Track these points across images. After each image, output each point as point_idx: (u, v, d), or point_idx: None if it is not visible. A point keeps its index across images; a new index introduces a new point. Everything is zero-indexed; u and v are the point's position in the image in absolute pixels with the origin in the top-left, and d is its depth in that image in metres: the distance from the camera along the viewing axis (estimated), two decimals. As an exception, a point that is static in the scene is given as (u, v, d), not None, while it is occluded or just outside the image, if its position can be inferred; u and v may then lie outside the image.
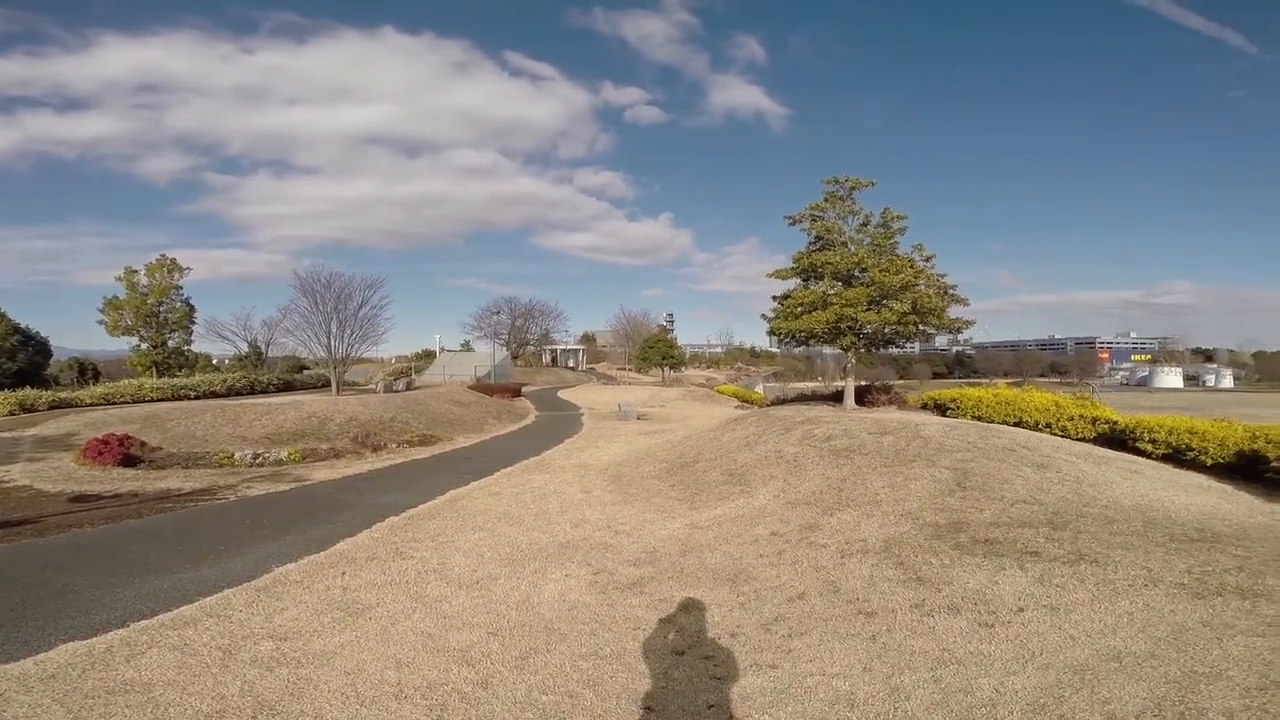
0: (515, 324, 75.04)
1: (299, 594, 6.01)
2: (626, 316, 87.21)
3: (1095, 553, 5.71)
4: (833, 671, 4.12)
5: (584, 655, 4.58)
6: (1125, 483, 8.09)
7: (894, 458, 9.24)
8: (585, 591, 5.97)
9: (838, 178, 15.82)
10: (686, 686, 4.08)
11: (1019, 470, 8.30)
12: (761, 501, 8.81)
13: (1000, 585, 5.25)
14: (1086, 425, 11.76)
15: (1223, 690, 3.38)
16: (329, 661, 4.57)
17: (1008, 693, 3.65)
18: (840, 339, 15.26)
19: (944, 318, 15.01)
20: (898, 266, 14.60)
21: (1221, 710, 3.19)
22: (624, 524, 8.60)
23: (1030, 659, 4.02)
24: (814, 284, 15.71)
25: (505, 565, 6.84)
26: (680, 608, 5.42)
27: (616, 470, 13.00)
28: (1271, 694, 3.29)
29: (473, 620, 5.31)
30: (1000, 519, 6.82)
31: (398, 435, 18.20)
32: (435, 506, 9.89)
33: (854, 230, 15.82)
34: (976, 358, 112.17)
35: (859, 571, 5.94)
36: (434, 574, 6.57)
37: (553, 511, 9.46)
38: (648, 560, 6.85)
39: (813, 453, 10.26)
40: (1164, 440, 9.95)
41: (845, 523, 7.35)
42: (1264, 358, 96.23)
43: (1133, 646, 4.02)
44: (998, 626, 4.55)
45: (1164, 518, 6.67)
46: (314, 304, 27.76)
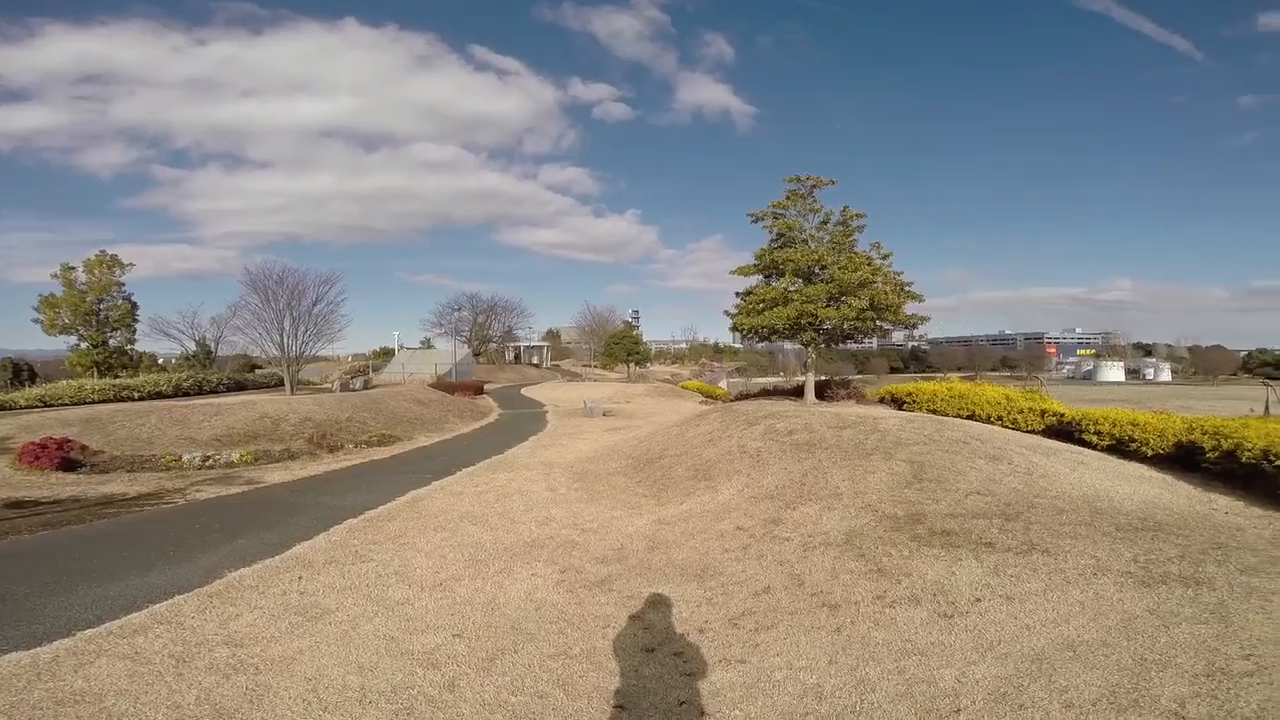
0: (477, 321, 74.01)
1: (254, 599, 5.84)
2: (592, 313, 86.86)
3: (1046, 543, 5.93)
4: (800, 665, 4.19)
5: (553, 655, 4.56)
6: (1073, 474, 8.39)
7: (853, 451, 9.43)
8: (553, 590, 5.94)
9: (799, 176, 16.05)
10: (657, 684, 4.10)
11: (972, 462, 8.55)
12: (726, 496, 8.90)
13: (957, 576, 5.42)
14: (1035, 418, 12.17)
15: (1173, 678, 3.54)
16: (288, 667, 4.45)
17: (969, 682, 3.76)
18: (801, 335, 15.51)
19: (900, 314, 15.38)
20: (856, 264, 14.90)
21: (1173, 697, 3.34)
22: (590, 521, 8.58)
23: (989, 649, 4.15)
24: (776, 281, 15.92)
25: (469, 566, 6.76)
26: (649, 604, 5.44)
27: (582, 467, 12.96)
28: (1218, 680, 3.46)
29: (437, 622, 5.23)
30: (956, 510, 7.03)
31: (355, 435, 17.79)
32: (395, 507, 9.70)
33: (814, 228, 16.08)
34: (931, 353, 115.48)
35: (822, 564, 6.05)
36: (395, 576, 6.46)
37: (517, 510, 9.38)
38: (615, 557, 6.86)
39: (775, 447, 10.41)
40: (1108, 432, 10.34)
41: (808, 516, 7.48)
42: (1198, 352, 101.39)
43: (1085, 635, 4.19)
44: (956, 617, 4.69)
45: (1110, 508, 6.96)
46: (265, 301, 26.85)
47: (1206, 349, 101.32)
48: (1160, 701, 3.33)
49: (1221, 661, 3.66)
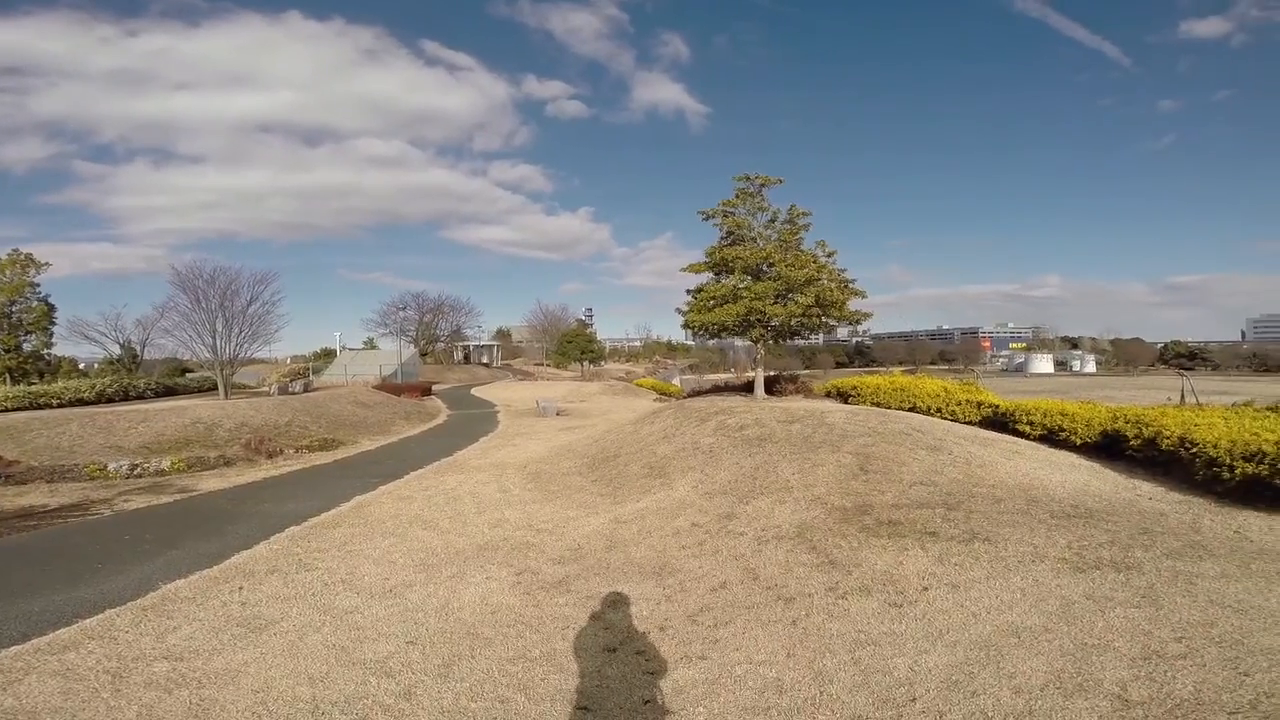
0: (423, 320, 72.36)
1: (192, 611, 5.59)
2: (544, 311, 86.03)
3: (987, 531, 6.19)
4: (759, 659, 4.24)
5: (512, 658, 4.50)
6: (1008, 463, 8.77)
7: (802, 445, 9.63)
8: (508, 593, 5.85)
9: (748, 175, 16.27)
10: (620, 683, 4.08)
11: (915, 453, 8.85)
12: (681, 493, 8.96)
13: (905, 565, 5.60)
14: (972, 409, 12.67)
15: (1112, 661, 3.72)
16: (234, 680, 4.28)
17: (922, 671, 3.87)
18: (750, 331, 15.74)
19: (844, 310, 15.76)
20: (802, 262, 15.20)
21: (1115, 681, 3.51)
22: (546, 522, 8.51)
23: (939, 637, 4.29)
24: (726, 278, 16.10)
25: (420, 571, 6.61)
26: (608, 604, 5.42)
27: (536, 468, 12.83)
28: (1155, 663, 3.65)
29: (388, 630, 5.10)
30: (901, 501, 7.26)
31: (295, 440, 17.14)
32: (340, 514, 9.41)
33: (763, 226, 16.32)
34: (874, 348, 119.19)
35: (776, 558, 6.16)
36: (342, 584, 6.26)
37: (469, 513, 9.22)
38: (572, 558, 6.81)
39: (727, 443, 10.54)
40: (1039, 422, 10.84)
41: (760, 510, 7.60)
42: (1120, 344, 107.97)
43: (1028, 621, 4.38)
44: (906, 606, 4.84)
45: (1044, 495, 7.32)
46: (196, 301, 25.54)
47: (1127, 342, 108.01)
48: (1103, 685, 3.48)
49: (1156, 645, 3.86)
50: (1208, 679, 3.42)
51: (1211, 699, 3.24)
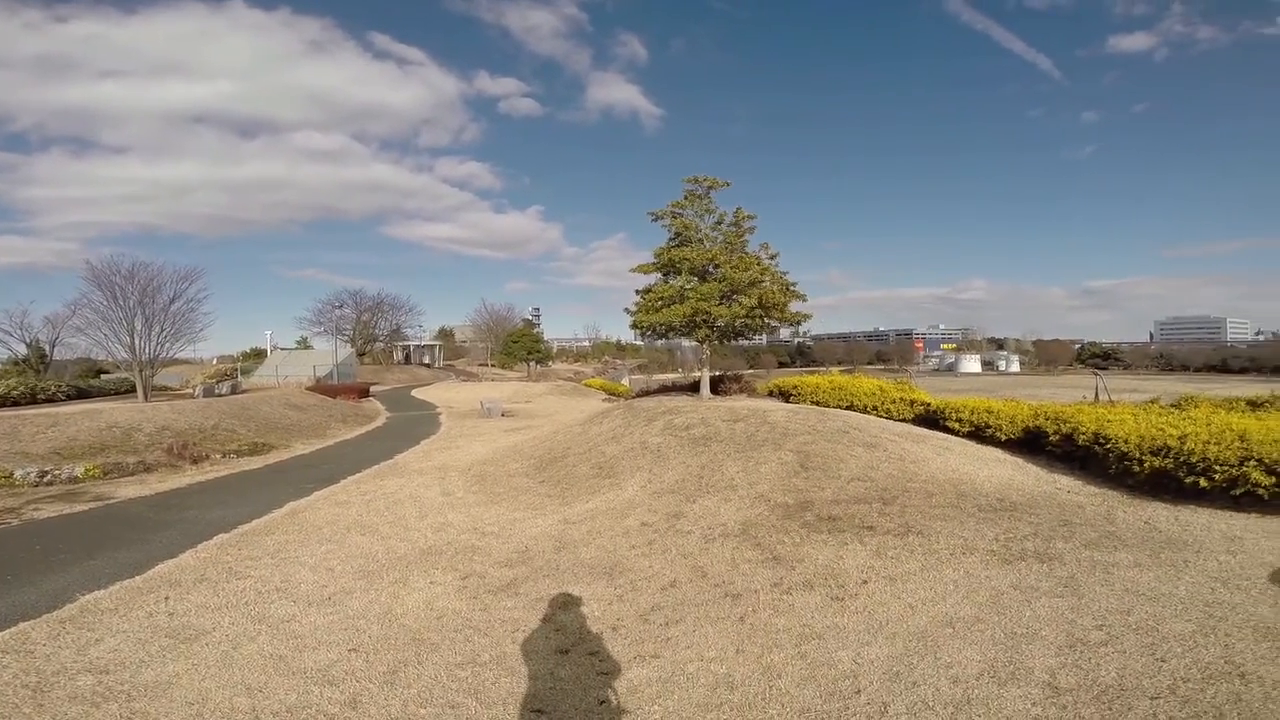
0: (361, 318, 69.96)
1: (115, 623, 5.30)
2: (489, 310, 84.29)
3: (920, 525, 6.46)
4: (710, 656, 4.29)
5: (460, 663, 4.41)
6: (939, 459, 9.17)
7: (746, 443, 9.82)
8: (454, 598, 5.74)
9: (697, 177, 16.45)
10: (574, 685, 4.06)
11: (852, 450, 9.16)
12: (630, 493, 8.99)
13: (845, 560, 5.79)
14: (906, 407, 13.21)
15: (1041, 650, 3.92)
16: (166, 692, 4.08)
17: (865, 663, 4.00)
18: (696, 332, 15.92)
19: (786, 312, 16.12)
20: (746, 264, 15.49)
21: (1044, 669, 3.70)
22: (492, 525, 8.38)
23: (879, 629, 4.45)
24: (673, 279, 16.23)
25: (360, 578, 6.41)
26: (559, 606, 5.39)
27: (481, 470, 12.62)
28: (1080, 651, 3.86)
29: (329, 638, 4.94)
30: (839, 496, 7.51)
31: (223, 445, 16.31)
32: (273, 520, 9.03)
33: (710, 228, 16.53)
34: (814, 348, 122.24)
35: (722, 555, 6.26)
36: (277, 592, 6.03)
37: (410, 517, 8.99)
38: (520, 560, 6.74)
39: (674, 442, 10.64)
40: (968, 419, 11.39)
41: (707, 509, 7.71)
42: (1042, 345, 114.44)
43: (961, 612, 4.58)
44: (847, 599, 4.99)
45: (973, 490, 7.69)
46: (113, 298, 23.98)
47: (1048, 342, 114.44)
48: (1034, 673, 3.66)
49: (1080, 633, 4.10)
50: (1129, 665, 3.64)
51: (1134, 685, 3.44)
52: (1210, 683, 3.36)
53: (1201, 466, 6.87)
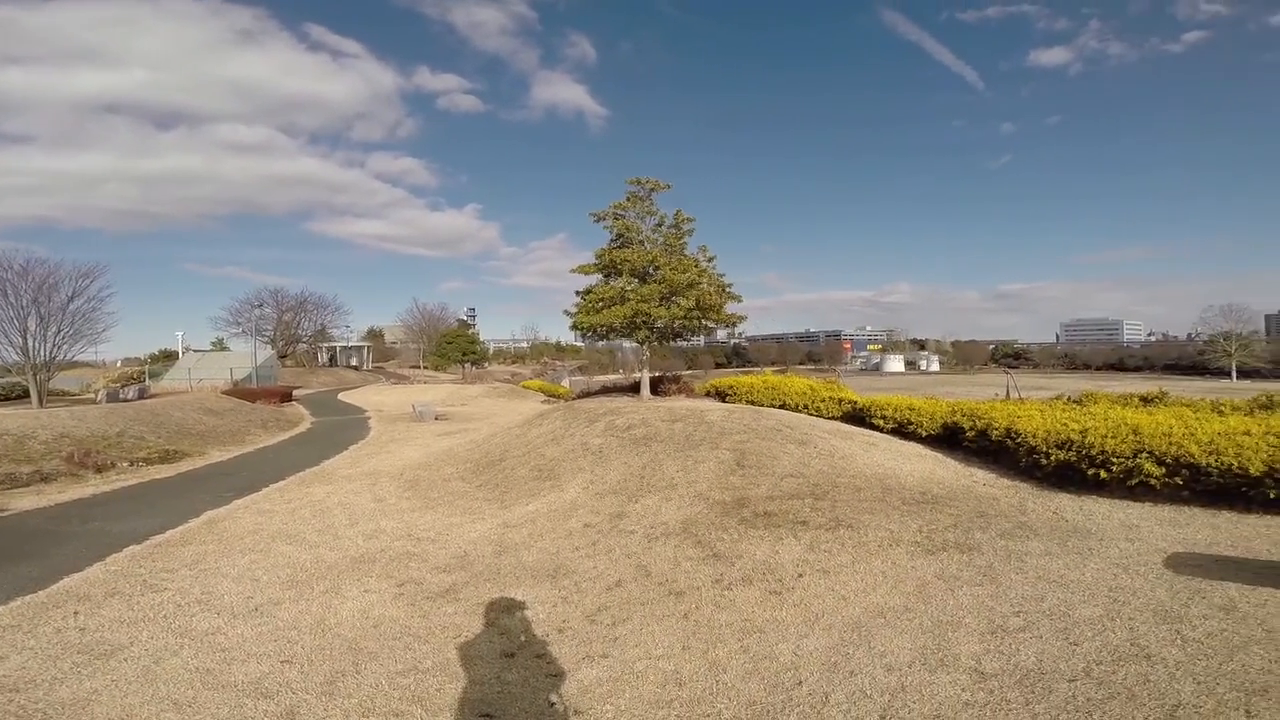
0: (283, 318, 66.61)
1: (20, 640, 4.94)
2: (421, 311, 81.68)
3: (850, 519, 6.73)
4: (657, 654, 4.35)
5: (402, 671, 4.31)
6: (866, 454, 9.56)
7: (685, 443, 9.97)
8: (391, 605, 5.58)
9: (640, 179, 16.55)
10: (523, 688, 4.03)
11: (785, 448, 9.44)
12: (572, 494, 8.96)
13: (781, 554, 5.97)
14: (835, 405, 13.71)
15: (966, 637, 4.16)
16: (85, 709, 3.85)
17: (805, 654, 4.14)
18: (636, 333, 16.02)
19: (722, 313, 16.45)
20: (685, 266, 15.72)
21: (969, 654, 3.92)
22: (427, 531, 8.17)
23: (816, 621, 4.61)
24: (614, 280, 16.27)
25: (288, 588, 6.15)
26: (503, 610, 5.33)
27: (414, 475, 12.26)
28: (1001, 637, 4.11)
29: (259, 650, 4.73)
30: (774, 493, 7.73)
31: (130, 452, 15.21)
32: (190, 530, 8.51)
33: (651, 230, 16.67)
34: (750, 349, 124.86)
35: (665, 554, 6.34)
36: (199, 605, 5.73)
37: (340, 525, 8.66)
38: (459, 565, 6.60)
39: (615, 443, 10.68)
40: (892, 416, 11.94)
41: (649, 508, 7.78)
42: (959, 345, 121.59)
43: (891, 602, 4.81)
44: (784, 593, 5.15)
45: (897, 484, 8.07)
46: (3, 296, 22.00)
47: (965, 343, 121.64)
48: (961, 660, 3.88)
49: (999, 619, 4.36)
50: (1046, 649, 3.90)
51: (1052, 668, 3.68)
52: (1120, 664, 3.63)
53: (1101, 459, 7.44)
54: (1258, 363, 62.12)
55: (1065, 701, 3.34)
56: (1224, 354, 64.72)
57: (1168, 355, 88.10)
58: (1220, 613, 4.19)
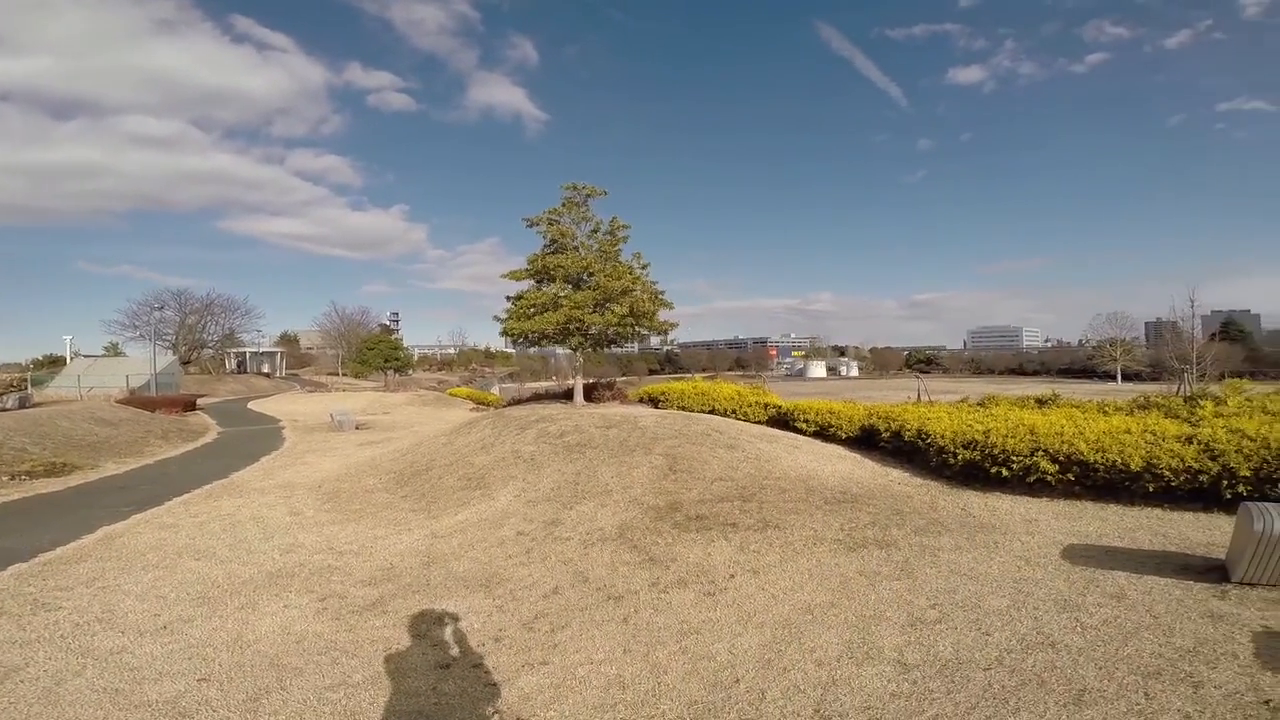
0: (186, 322, 62.32)
1: (-104, 665, 4.45)
2: (340, 315, 77.43)
3: (777, 519, 6.98)
4: (599, 658, 4.36)
5: (331, 686, 4.14)
6: (790, 457, 9.92)
7: (619, 449, 10.03)
8: (314, 620, 5.34)
9: (576, 184, 16.55)
10: (461, 698, 3.95)
11: (715, 452, 9.68)
12: (504, 502, 8.83)
13: (713, 556, 6.12)
14: (761, 410, 14.14)
15: (888, 630, 4.39)
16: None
17: (740, 652, 4.26)
18: (570, 339, 15.99)
19: (655, 320, 16.68)
20: (619, 273, 15.83)
21: (892, 647, 4.14)
22: (349, 544, 7.85)
23: (749, 620, 4.76)
24: (547, 286, 16.18)
25: (199, 605, 5.79)
26: (434, 621, 5.20)
27: (333, 487, 11.74)
28: (920, 630, 4.36)
29: (172, 668, 4.46)
30: (705, 496, 7.91)
31: (11, 465, 13.83)
32: (84, 547, 7.86)
33: (585, 236, 16.68)
34: (682, 355, 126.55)
35: (602, 559, 6.38)
36: (100, 623, 5.34)
37: (253, 539, 8.20)
38: (385, 578, 6.39)
39: (548, 450, 10.61)
40: (814, 420, 12.43)
41: (584, 514, 7.79)
42: (877, 352, 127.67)
43: (818, 598, 5.02)
44: (718, 594, 5.29)
45: (820, 485, 8.41)
46: None
47: (882, 350, 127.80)
48: (885, 652, 4.09)
49: (918, 612, 4.63)
50: (961, 640, 4.16)
51: (968, 658, 3.94)
52: (1029, 652, 3.93)
53: (1003, 458, 8.02)
54: (1139, 366, 68.04)
55: (982, 690, 3.57)
56: (1110, 359, 70.70)
57: (1062, 360, 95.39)
58: (1113, 600, 4.61)
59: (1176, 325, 41.01)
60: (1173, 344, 40.93)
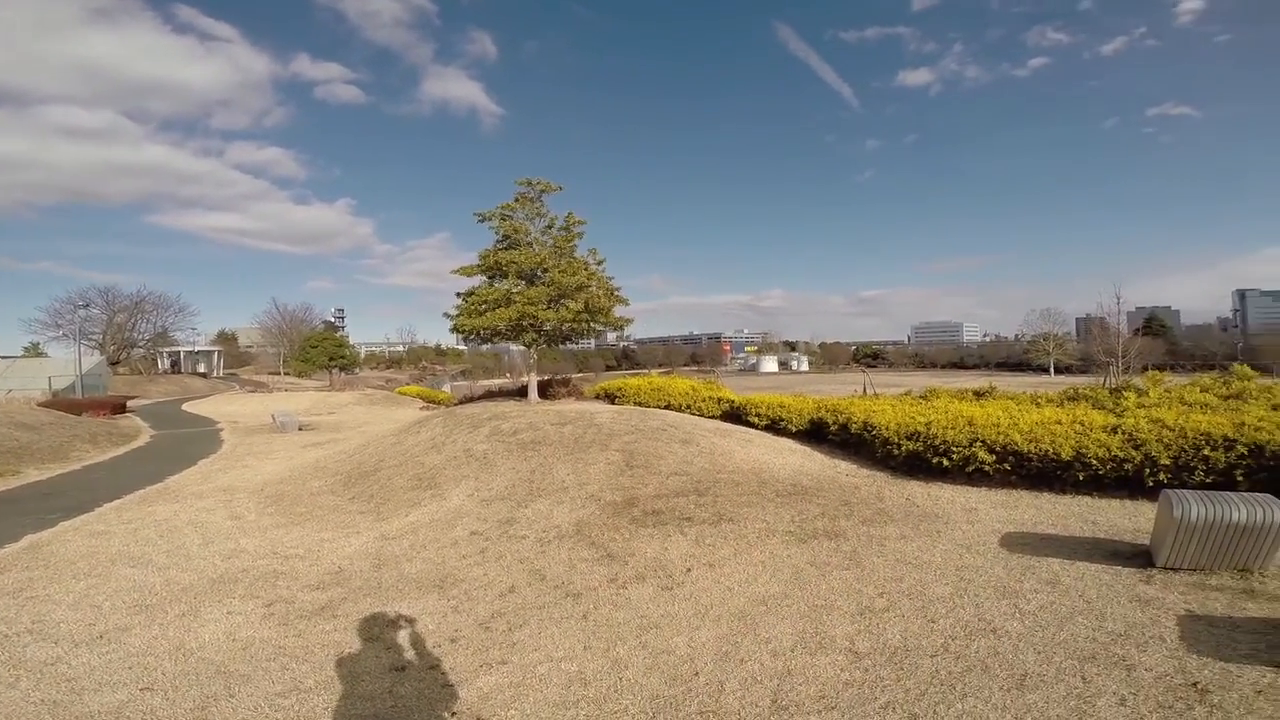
0: (115, 320, 58.92)
1: None
2: (282, 312, 74.32)
3: (731, 512, 7.10)
4: (559, 656, 4.36)
5: (282, 692, 4.03)
6: (743, 451, 10.09)
7: (574, 445, 10.02)
8: (260, 626, 5.18)
9: (530, 179, 16.37)
10: (419, 700, 3.89)
11: (670, 447, 9.77)
12: (456, 502, 8.71)
13: (670, 551, 6.19)
14: (715, 405, 14.35)
15: (839, 619, 4.52)
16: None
17: (698, 645, 4.33)
18: (523, 336, 15.85)
19: (611, 316, 16.69)
20: (574, 269, 15.77)
21: (844, 636, 4.27)
22: (295, 547, 7.62)
23: (706, 613, 4.84)
24: (499, 282, 15.99)
25: (137, 613, 5.56)
26: (387, 624, 5.10)
27: (276, 490, 11.35)
28: (869, 618, 4.49)
29: (112, 678, 4.28)
30: (661, 491, 7.99)
31: (-82, 475, 12.86)
32: (8, 556, 7.43)
33: (540, 232, 16.54)
34: (639, 351, 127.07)
35: (559, 556, 6.37)
36: (30, 634, 5.09)
37: (192, 545, 7.87)
38: (334, 582, 6.23)
39: (502, 448, 10.50)
40: (765, 414, 12.68)
41: (540, 512, 7.76)
42: (826, 346, 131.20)
43: (771, 590, 5.13)
44: (676, 588, 5.36)
45: (771, 478, 8.59)
46: None
47: (831, 345, 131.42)
48: (837, 641, 4.21)
49: (867, 601, 4.79)
50: (909, 627, 4.32)
51: (915, 645, 4.09)
52: (972, 639, 4.11)
53: (943, 448, 8.36)
54: (1070, 360, 71.76)
55: (930, 676, 3.72)
56: (1044, 353, 74.36)
57: (999, 354, 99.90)
58: (1048, 587, 4.86)
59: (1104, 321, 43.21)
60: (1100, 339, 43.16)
